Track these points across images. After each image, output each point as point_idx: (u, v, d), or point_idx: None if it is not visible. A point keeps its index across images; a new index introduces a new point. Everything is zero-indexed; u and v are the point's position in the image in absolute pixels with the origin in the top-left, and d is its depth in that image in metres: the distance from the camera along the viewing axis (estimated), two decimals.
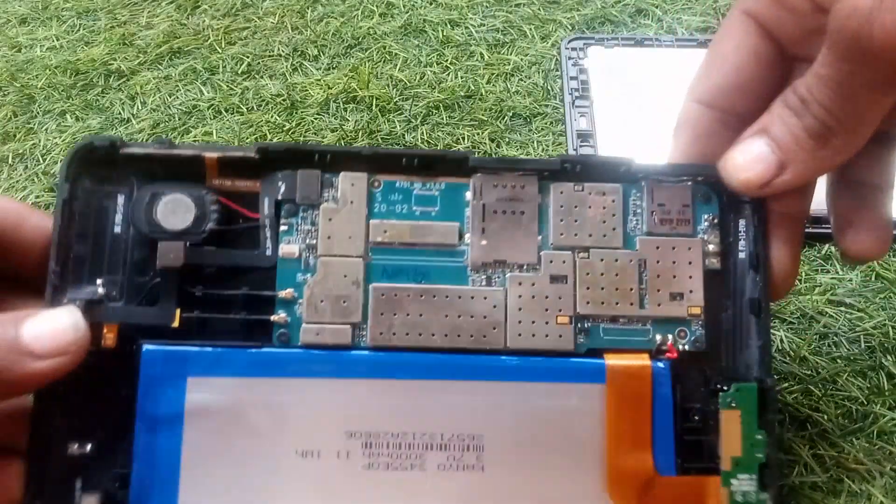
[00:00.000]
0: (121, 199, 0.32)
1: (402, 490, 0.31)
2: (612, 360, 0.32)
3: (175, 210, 0.32)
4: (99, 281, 0.31)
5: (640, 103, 0.51)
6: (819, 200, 0.34)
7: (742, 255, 0.33)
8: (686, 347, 0.32)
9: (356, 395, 0.31)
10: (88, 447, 0.30)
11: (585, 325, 0.32)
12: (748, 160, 0.31)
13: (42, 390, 0.30)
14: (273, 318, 0.31)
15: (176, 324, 0.31)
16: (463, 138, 0.52)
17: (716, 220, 0.33)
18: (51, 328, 0.28)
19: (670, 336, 0.32)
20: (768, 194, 0.31)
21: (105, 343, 0.31)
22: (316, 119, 0.54)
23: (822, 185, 0.34)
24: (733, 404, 0.32)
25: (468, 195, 0.33)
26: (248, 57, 0.58)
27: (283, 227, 0.32)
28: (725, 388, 0.32)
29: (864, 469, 0.36)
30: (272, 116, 0.54)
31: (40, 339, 0.27)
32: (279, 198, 0.32)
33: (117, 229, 0.32)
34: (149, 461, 0.30)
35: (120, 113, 0.55)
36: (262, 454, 0.30)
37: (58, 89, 0.56)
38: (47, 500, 0.30)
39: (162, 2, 0.61)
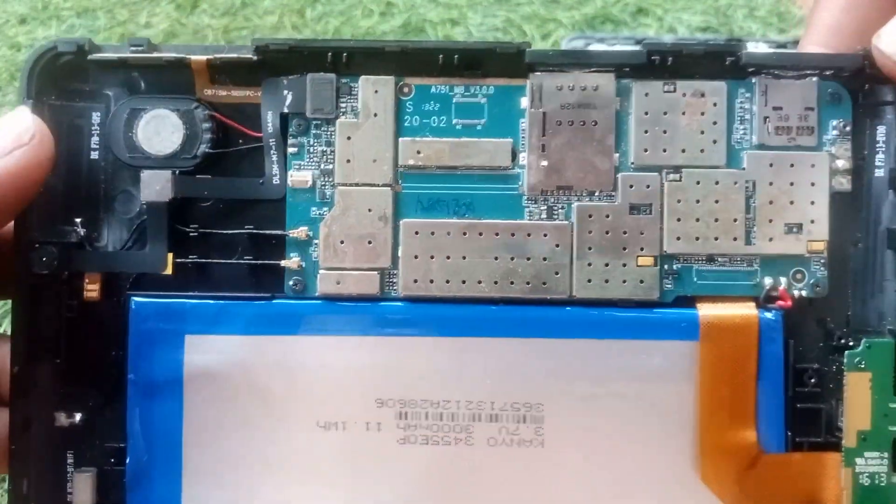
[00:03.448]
0: (96, 118, 0.26)
1: (445, 468, 0.25)
2: (707, 311, 0.25)
3: (159, 130, 0.26)
4: (77, 220, 0.26)
5: None
6: None
7: (880, 173, 0.26)
8: (803, 293, 0.25)
9: (387, 356, 0.25)
10: (78, 417, 0.26)
11: (674, 267, 0.25)
12: None
13: (21, 348, 0.25)
14: (284, 263, 0.26)
15: (169, 271, 0.26)
16: None
17: (847, 128, 0.25)
18: None
19: (783, 279, 0.25)
20: None
21: (88, 295, 0.26)
22: None
23: None
24: (862, 364, 0.25)
25: (524, 101, 0.26)
26: None
27: (291, 149, 0.26)
28: (853, 343, 0.25)
29: None
30: None
31: None
32: (285, 111, 0.26)
33: (94, 155, 0.26)
34: (145, 434, 0.25)
35: None
36: (277, 425, 0.26)
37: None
38: (34, 478, 0.26)
39: (161, 1, 0.60)
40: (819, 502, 0.25)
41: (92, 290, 0.26)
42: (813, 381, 0.26)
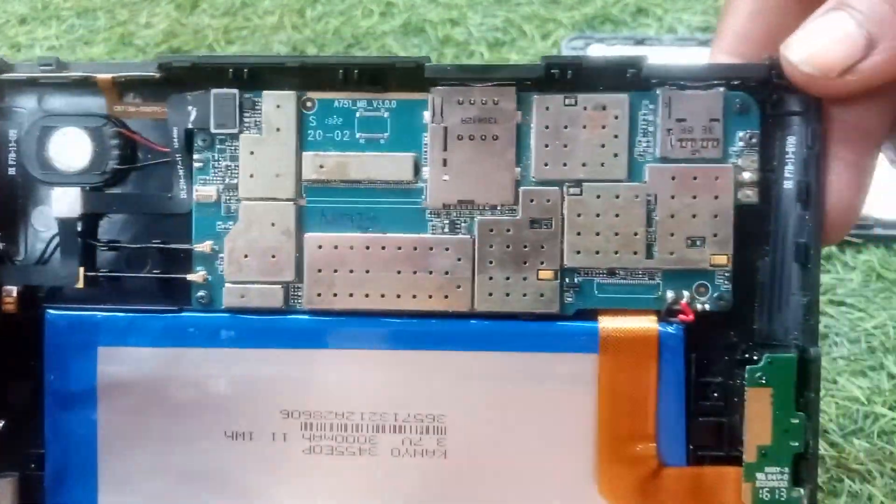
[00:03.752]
0: (12, 135, 0.27)
1: (350, 478, 0.26)
2: (607, 324, 0.25)
3: (69, 147, 0.26)
4: None
5: None
6: None
7: (788, 185, 0.25)
8: (706, 307, 0.25)
9: (292, 369, 0.26)
10: (0, 425, 0.27)
11: (575, 281, 0.25)
12: (826, 39, 0.23)
13: None
14: (190, 276, 0.26)
15: (80, 284, 0.26)
16: None
17: (754, 140, 0.25)
18: None
19: (686, 293, 0.25)
20: (850, 87, 0.23)
21: (5, 308, 0.26)
22: None
23: None
24: (763, 380, 0.25)
25: (426, 115, 0.25)
26: None
27: (196, 164, 0.26)
28: (756, 358, 0.25)
29: (864, 469, 0.35)
30: None
31: None
32: (190, 126, 0.26)
33: (11, 171, 0.27)
34: (63, 442, 0.26)
35: None
36: (188, 435, 0.26)
37: None
38: None
39: (161, 1, 0.59)
40: None
41: (9, 302, 0.26)
42: (716, 394, 0.25)
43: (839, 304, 0.42)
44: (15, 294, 0.26)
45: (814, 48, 0.23)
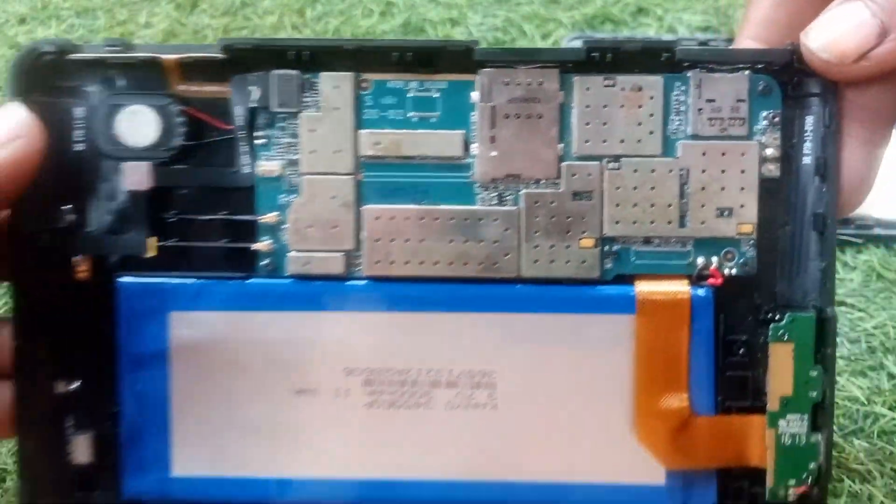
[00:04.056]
0: (78, 113, 0.28)
1: (408, 429, 0.28)
2: (643, 287, 0.27)
3: (137, 124, 0.28)
4: (65, 208, 0.28)
5: None
6: None
7: (807, 161, 0.27)
8: (733, 272, 0.28)
9: (354, 330, 0.28)
10: (75, 385, 0.28)
11: (613, 249, 0.28)
12: (842, 28, 0.25)
13: (21, 325, 0.28)
14: (256, 245, 0.28)
15: (151, 253, 0.28)
16: None
17: (777, 119, 0.27)
18: None
19: (714, 259, 0.28)
20: (865, 73, 0.25)
21: (79, 276, 0.28)
22: None
23: None
24: (786, 337, 0.27)
25: (474, 96, 0.27)
26: None
27: (259, 141, 0.28)
28: (778, 317, 0.27)
29: (864, 469, 0.35)
30: None
31: None
32: (252, 105, 0.27)
33: (79, 147, 0.28)
34: (136, 400, 0.28)
35: None
36: (256, 392, 0.28)
37: None
38: (37, 440, 0.28)
39: (161, 1, 0.59)
40: (746, 460, 0.28)
41: (82, 271, 0.28)
42: (741, 351, 0.28)
43: (839, 304, 0.42)
44: (87, 264, 0.28)
45: (831, 36, 0.25)
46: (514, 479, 0.28)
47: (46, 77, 0.27)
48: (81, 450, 0.29)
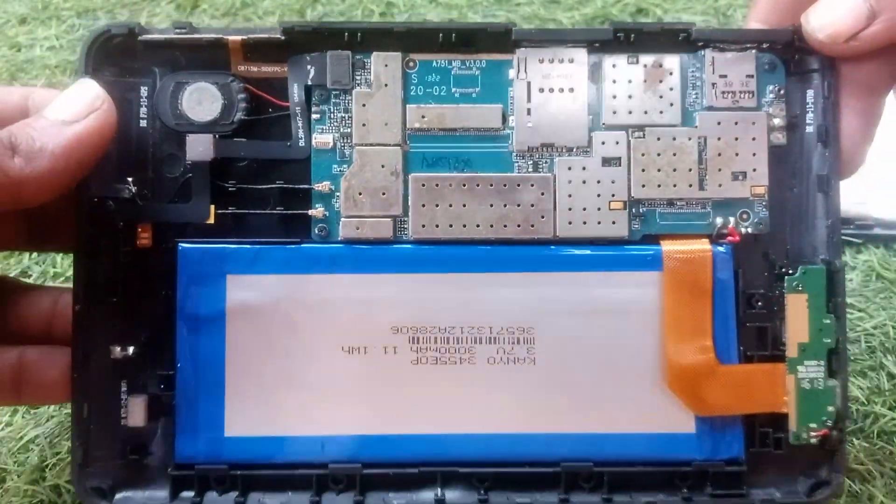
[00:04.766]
0: (144, 91, 0.30)
1: (452, 384, 0.30)
2: (668, 246, 0.30)
3: (201, 100, 0.30)
4: (129, 180, 0.30)
5: None
6: None
7: (810, 129, 0.30)
8: (749, 230, 0.30)
9: (400, 290, 0.30)
10: (131, 350, 0.30)
11: (640, 210, 0.30)
12: (836, 11, 0.29)
13: (82, 290, 0.29)
14: (311, 212, 0.30)
15: (211, 220, 0.30)
16: None
17: (782, 92, 0.30)
18: (68, 98, 0.28)
19: (732, 219, 0.30)
20: (855, 51, 0.29)
21: (140, 243, 0.30)
22: None
23: None
24: (800, 287, 0.30)
25: (511, 73, 0.30)
26: None
27: (314, 116, 0.30)
28: (791, 271, 0.30)
29: (864, 469, 0.35)
30: None
31: (64, 108, 0.27)
32: (308, 83, 0.30)
33: (143, 123, 0.30)
34: (193, 361, 0.29)
35: None
36: (307, 351, 0.30)
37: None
38: (93, 403, 0.29)
39: (161, 1, 0.59)
40: (769, 406, 0.30)
41: (144, 237, 0.30)
42: (760, 304, 0.30)
43: None
44: (148, 231, 0.30)
45: (827, 19, 0.29)
46: (553, 430, 0.30)
47: (115, 57, 0.30)
48: (135, 412, 0.30)
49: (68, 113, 0.27)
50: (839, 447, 0.30)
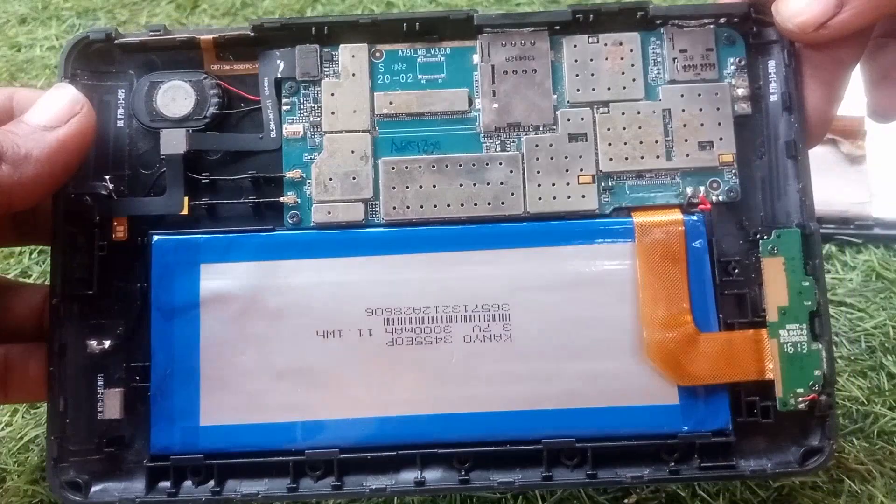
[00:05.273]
0: (121, 94, 0.31)
1: (430, 364, 0.29)
2: (640, 218, 0.30)
3: (175, 97, 0.31)
4: (106, 178, 0.30)
5: None
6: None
7: (774, 98, 0.31)
8: (720, 198, 0.30)
9: (374, 273, 0.30)
10: (107, 343, 0.30)
11: (610, 184, 0.30)
12: (805, 0, 0.29)
13: (59, 283, 0.29)
14: (282, 199, 0.30)
15: (185, 212, 0.30)
16: None
17: (743, 63, 0.31)
18: (48, 104, 0.29)
19: (702, 188, 0.30)
20: (825, 37, 0.29)
21: (116, 236, 0.30)
22: None
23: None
24: (775, 251, 0.29)
25: (475, 58, 0.31)
26: None
27: (285, 108, 0.31)
28: (766, 237, 0.29)
29: (864, 469, 0.35)
30: None
31: (45, 113, 0.28)
32: (278, 76, 0.31)
33: (120, 124, 0.31)
34: (167, 352, 0.29)
35: None
36: (283, 337, 0.29)
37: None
38: (70, 397, 0.29)
39: (161, 1, 0.60)
40: (753, 373, 0.29)
41: (120, 231, 0.30)
42: (736, 270, 0.30)
43: (839, 303, 0.42)
44: (123, 224, 0.30)
45: (796, 7, 0.29)
46: (532, 407, 0.29)
47: (94, 62, 0.31)
48: (111, 405, 0.29)
49: (49, 118, 0.28)
50: (829, 412, 0.29)
